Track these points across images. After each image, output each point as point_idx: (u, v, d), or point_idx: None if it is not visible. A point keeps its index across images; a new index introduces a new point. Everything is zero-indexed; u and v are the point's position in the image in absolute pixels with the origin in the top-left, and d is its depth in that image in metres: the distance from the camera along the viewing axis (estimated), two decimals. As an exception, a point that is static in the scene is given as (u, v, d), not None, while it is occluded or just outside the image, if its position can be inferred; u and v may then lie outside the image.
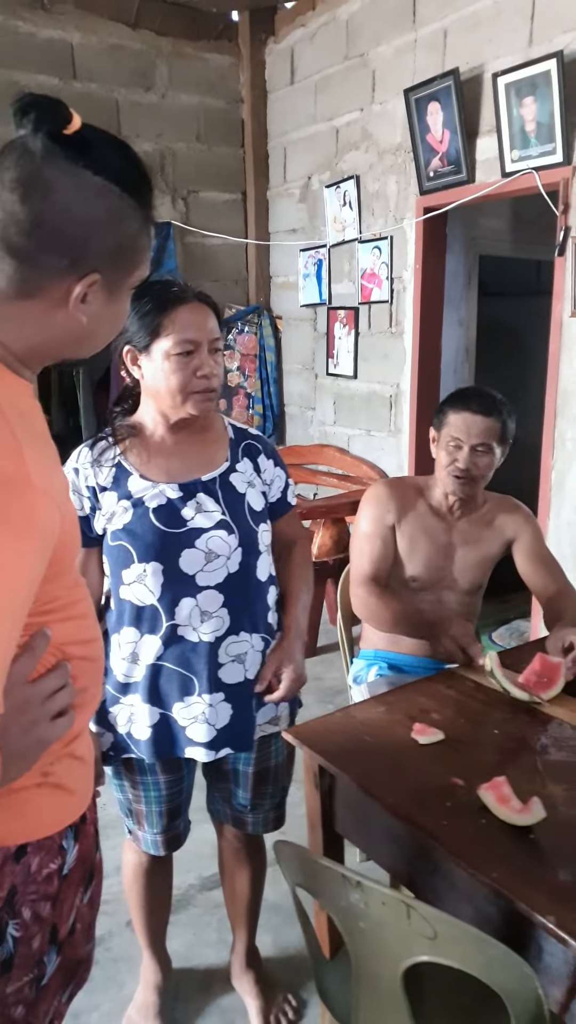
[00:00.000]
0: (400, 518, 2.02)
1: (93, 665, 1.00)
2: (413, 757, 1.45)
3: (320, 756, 1.47)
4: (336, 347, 3.98)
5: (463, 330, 3.61)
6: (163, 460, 1.48)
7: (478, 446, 1.91)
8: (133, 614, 1.48)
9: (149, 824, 1.62)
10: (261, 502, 1.57)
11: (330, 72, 3.73)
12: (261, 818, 1.69)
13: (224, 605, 1.48)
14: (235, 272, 4.45)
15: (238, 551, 1.49)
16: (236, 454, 1.56)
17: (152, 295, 1.40)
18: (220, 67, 4.18)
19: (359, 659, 2.17)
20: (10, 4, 3.64)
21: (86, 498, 1.48)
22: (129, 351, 1.43)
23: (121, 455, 1.48)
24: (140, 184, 0.86)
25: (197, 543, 1.45)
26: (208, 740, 1.51)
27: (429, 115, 3.05)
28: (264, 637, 1.56)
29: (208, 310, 1.44)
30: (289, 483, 1.66)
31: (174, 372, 1.40)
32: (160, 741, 1.51)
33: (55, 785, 0.96)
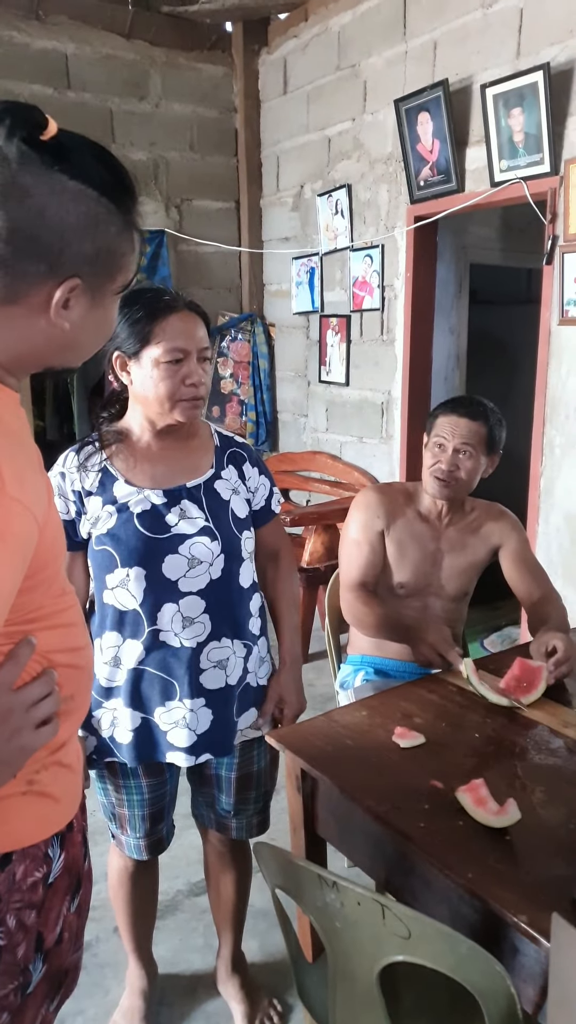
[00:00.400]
0: (389, 524, 2.03)
1: (80, 673, 1.01)
2: (394, 760, 1.47)
3: (302, 760, 1.48)
4: (328, 354, 4.00)
5: (454, 338, 3.64)
6: (149, 466, 1.50)
7: (461, 448, 1.93)
8: (116, 618, 1.49)
9: (132, 828, 1.62)
10: (245, 509, 1.58)
11: (322, 82, 3.76)
12: (245, 823, 1.70)
13: (206, 611, 1.49)
14: (228, 280, 4.48)
15: (221, 558, 1.50)
16: (221, 461, 1.57)
17: (144, 302, 1.42)
18: (213, 77, 4.22)
19: (346, 664, 2.18)
20: (5, 15, 3.67)
21: (72, 502, 1.49)
22: (118, 357, 1.45)
23: (107, 460, 1.49)
24: (118, 188, 0.86)
25: (180, 549, 1.46)
26: (188, 745, 1.51)
27: (419, 125, 3.08)
28: (246, 643, 1.57)
29: (198, 319, 1.46)
30: (274, 491, 1.67)
31: (163, 380, 1.41)
32: (142, 745, 1.52)
33: (40, 793, 0.97)
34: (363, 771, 1.43)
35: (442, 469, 1.93)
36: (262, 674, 1.63)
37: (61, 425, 6.14)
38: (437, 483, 1.95)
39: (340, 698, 2.15)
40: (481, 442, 1.93)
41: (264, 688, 1.64)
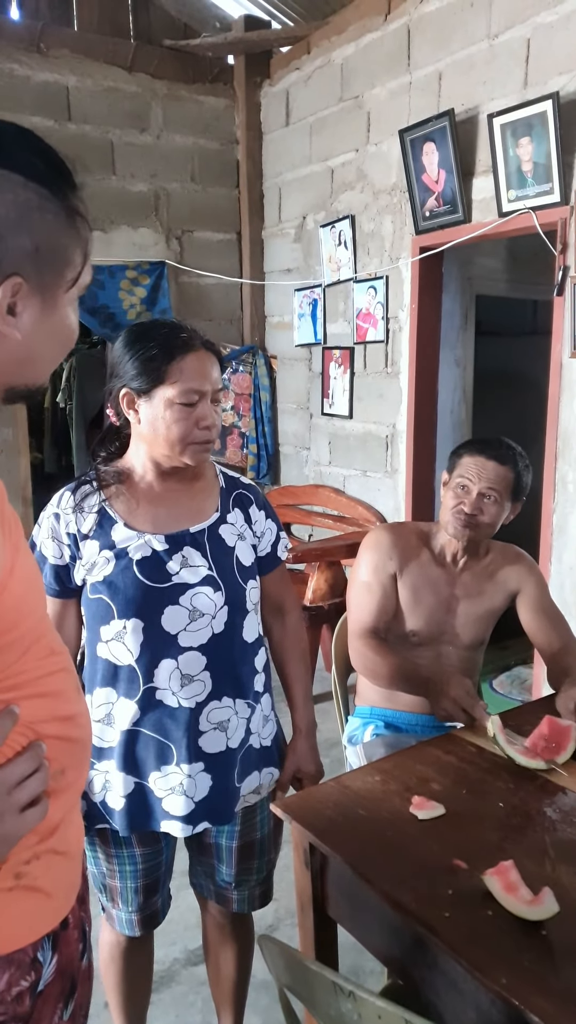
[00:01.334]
0: (402, 567, 1.92)
1: (73, 745, 0.89)
2: (411, 834, 1.34)
3: (310, 833, 1.35)
4: (331, 387, 3.92)
5: (460, 370, 3.56)
6: (150, 508, 1.39)
7: (486, 492, 1.82)
8: (109, 673, 1.37)
9: (124, 902, 1.49)
10: (251, 556, 1.47)
11: (325, 114, 3.73)
12: (247, 895, 1.56)
13: (206, 668, 1.38)
14: (229, 312, 4.42)
15: (224, 609, 1.39)
16: (227, 504, 1.47)
17: (159, 339, 1.33)
18: (215, 109, 4.19)
19: (354, 717, 2.06)
20: (7, 48, 3.65)
21: (66, 546, 1.38)
22: (127, 393, 1.34)
23: (105, 501, 1.39)
24: (49, 171, 0.75)
25: (181, 600, 1.35)
26: (185, 814, 1.39)
27: (424, 155, 3.02)
28: (249, 703, 1.46)
29: (214, 359, 1.37)
30: (281, 536, 1.57)
31: (176, 421, 1.32)
32: (135, 813, 1.40)
33: (29, 888, 0.84)
34: (378, 848, 1.30)
35: (464, 512, 1.82)
36: (266, 735, 1.51)
37: (59, 458, 6.06)
38: (458, 524, 1.84)
39: (348, 754, 2.02)
40: (507, 488, 1.83)
41: (268, 750, 1.52)
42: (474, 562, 1.95)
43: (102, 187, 3.93)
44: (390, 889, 1.20)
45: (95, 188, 3.90)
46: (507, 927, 1.11)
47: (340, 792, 1.46)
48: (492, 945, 1.09)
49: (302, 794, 1.48)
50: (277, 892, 2.33)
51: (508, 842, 1.31)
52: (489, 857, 1.24)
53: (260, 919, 2.21)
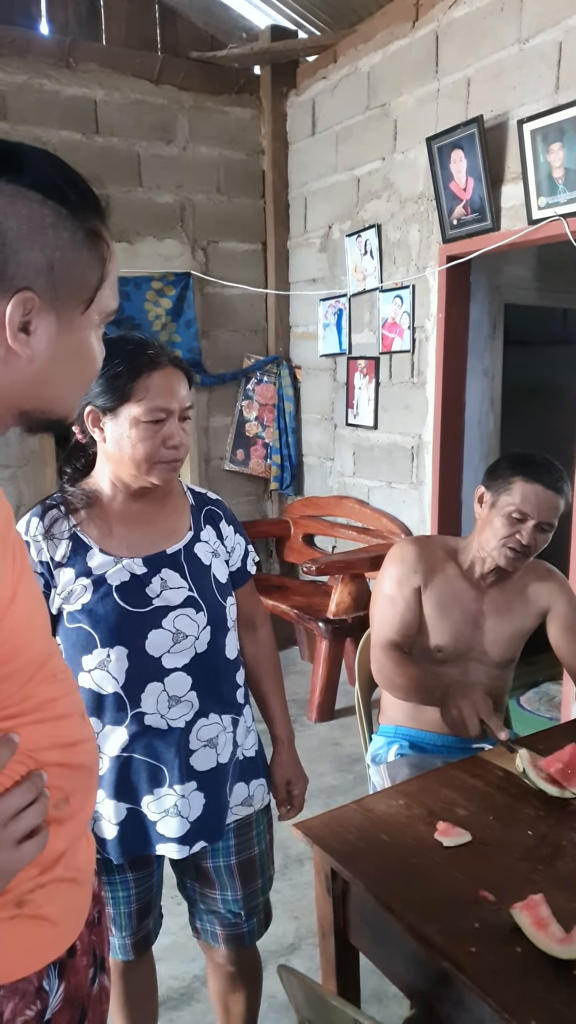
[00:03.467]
0: (427, 581, 1.87)
1: (79, 772, 0.86)
2: (436, 862, 1.29)
3: (332, 858, 1.31)
4: (356, 397, 3.88)
5: (488, 380, 3.50)
6: (124, 531, 1.35)
7: (544, 524, 1.77)
8: (94, 703, 1.33)
9: (118, 928, 1.47)
10: (226, 573, 1.45)
11: (351, 123, 3.70)
12: (255, 922, 1.52)
13: (193, 688, 1.35)
14: (254, 322, 4.40)
15: (207, 630, 1.36)
16: (199, 521, 1.44)
17: (125, 355, 1.29)
18: (241, 120, 4.19)
19: (378, 736, 2.00)
20: (36, 63, 3.68)
21: (39, 574, 1.32)
22: (91, 411, 1.31)
23: (77, 527, 1.34)
24: (72, 193, 0.75)
25: (164, 623, 1.32)
26: (181, 834, 1.36)
27: (452, 163, 2.98)
28: (234, 717, 1.43)
29: (182, 376, 1.33)
30: (249, 550, 1.52)
31: (142, 440, 1.28)
32: (129, 840, 1.36)
33: (33, 916, 0.81)
34: (402, 876, 1.26)
35: (522, 544, 1.76)
36: (248, 745, 1.49)
37: (85, 467, 6.11)
38: (512, 556, 1.78)
39: (371, 773, 1.97)
40: (558, 515, 1.78)
41: (252, 760, 1.49)
42: (504, 578, 1.89)
43: (128, 199, 3.94)
44: (414, 920, 1.15)
45: (122, 200, 3.92)
46: (537, 965, 1.06)
47: (363, 816, 1.42)
48: (521, 984, 1.04)
49: (324, 817, 1.44)
50: (298, 911, 2.29)
51: (537, 874, 1.25)
52: (517, 889, 1.19)
53: (281, 939, 2.17)
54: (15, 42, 3.61)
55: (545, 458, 1.82)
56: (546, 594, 1.89)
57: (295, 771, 1.56)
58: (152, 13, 4.02)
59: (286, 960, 2.09)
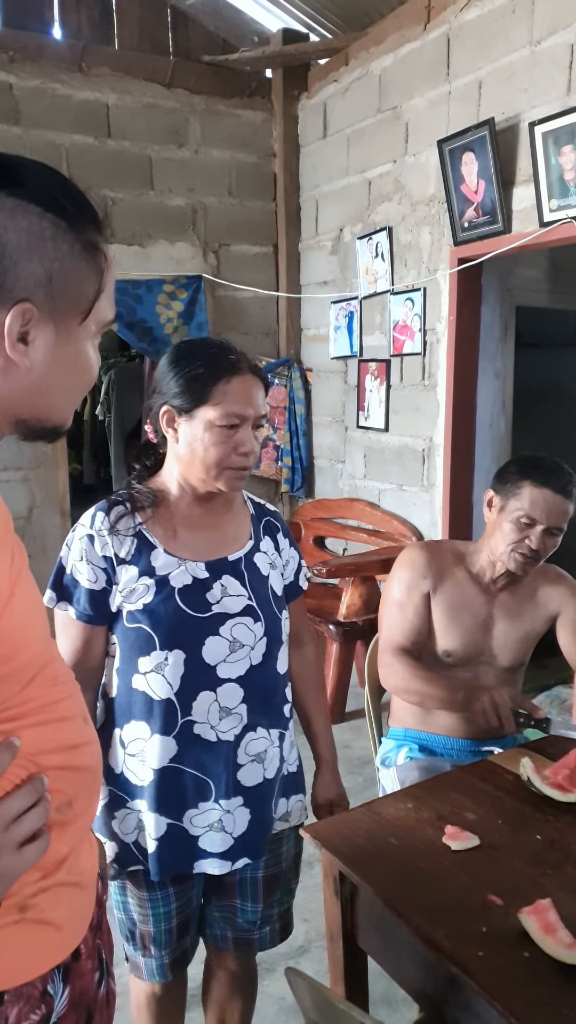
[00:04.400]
0: (437, 586, 1.87)
1: (81, 774, 0.86)
2: (444, 866, 1.29)
3: (340, 861, 1.31)
4: (367, 399, 3.88)
5: (499, 383, 3.49)
6: (188, 534, 1.34)
7: (553, 528, 1.76)
8: (145, 708, 1.31)
9: (157, 946, 1.42)
10: (281, 586, 1.44)
11: (362, 125, 3.71)
12: (268, 931, 1.50)
13: (244, 700, 1.33)
14: (265, 325, 4.41)
15: (263, 641, 1.35)
16: (258, 531, 1.43)
17: (206, 359, 1.29)
18: (252, 123, 4.20)
19: (388, 739, 2.01)
20: (49, 68, 3.70)
21: (101, 570, 1.31)
22: (167, 411, 1.31)
23: (142, 524, 1.33)
24: (71, 207, 0.76)
25: (221, 630, 1.31)
26: (224, 850, 1.34)
27: (463, 165, 2.98)
28: (281, 732, 1.42)
29: (260, 383, 1.32)
30: (302, 565, 1.52)
31: (215, 444, 1.28)
32: (170, 855, 1.34)
33: (37, 921, 0.81)
34: (410, 879, 1.26)
35: (531, 549, 1.76)
36: (291, 760, 1.48)
37: (98, 470, 6.13)
38: (522, 560, 1.78)
39: (380, 776, 1.96)
40: (567, 519, 1.78)
41: (294, 775, 1.48)
42: (514, 583, 1.89)
43: (140, 202, 3.96)
44: (422, 924, 1.16)
45: (133, 203, 3.93)
46: (544, 971, 1.06)
47: (371, 819, 1.42)
48: (529, 989, 1.04)
49: (333, 820, 1.44)
50: (308, 912, 2.29)
51: (546, 878, 1.25)
52: (526, 893, 1.19)
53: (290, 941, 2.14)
54: (28, 47, 3.64)
55: (554, 462, 1.81)
56: (556, 598, 1.88)
57: (339, 792, 1.55)
58: (164, 17, 4.04)
59: (295, 963, 2.09)
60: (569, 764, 1.48)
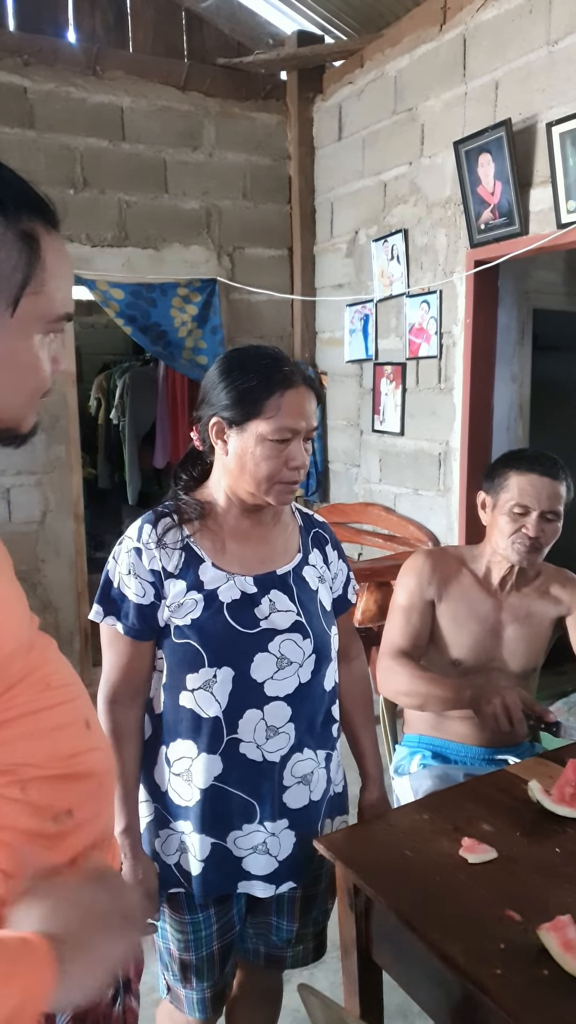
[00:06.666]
0: (442, 593, 1.84)
1: (83, 782, 0.83)
2: (460, 879, 1.26)
3: (355, 873, 1.28)
4: (382, 403, 3.85)
5: (516, 386, 3.45)
6: (236, 547, 1.31)
7: (548, 513, 1.73)
8: (192, 726, 1.28)
9: (198, 977, 1.38)
10: (330, 600, 1.41)
11: (378, 127, 3.69)
12: (301, 950, 1.48)
13: (291, 719, 1.30)
14: (280, 328, 4.39)
15: (311, 658, 1.32)
16: (307, 544, 1.40)
17: (260, 370, 1.25)
18: (267, 125, 4.19)
19: (401, 746, 1.98)
20: (64, 72, 3.71)
21: (149, 583, 1.28)
22: (217, 423, 1.27)
23: (190, 537, 1.30)
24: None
25: (270, 647, 1.28)
26: (268, 873, 1.32)
27: (480, 167, 2.95)
28: (328, 753, 1.39)
29: (312, 396, 1.29)
30: (350, 578, 1.49)
31: (265, 459, 1.25)
32: (213, 876, 1.31)
33: None
34: (425, 893, 1.23)
35: (529, 537, 1.73)
36: (338, 780, 1.45)
37: (112, 474, 6.12)
38: (523, 550, 1.75)
39: (394, 784, 1.94)
40: (562, 502, 1.75)
41: (340, 796, 1.46)
42: (522, 584, 1.86)
43: (154, 205, 3.96)
44: (437, 939, 1.13)
45: (147, 207, 3.93)
46: (564, 990, 1.03)
47: (386, 830, 1.40)
48: (548, 1009, 1.01)
49: (347, 831, 1.42)
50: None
51: (566, 893, 1.22)
52: (544, 909, 1.16)
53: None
54: (43, 51, 3.65)
55: (536, 451, 1.81)
56: (566, 598, 1.86)
57: (386, 809, 1.52)
58: (178, 20, 4.04)
59: (310, 974, 2.06)
60: (571, 781, 1.44)
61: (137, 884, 1.30)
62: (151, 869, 1.32)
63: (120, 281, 3.87)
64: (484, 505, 1.84)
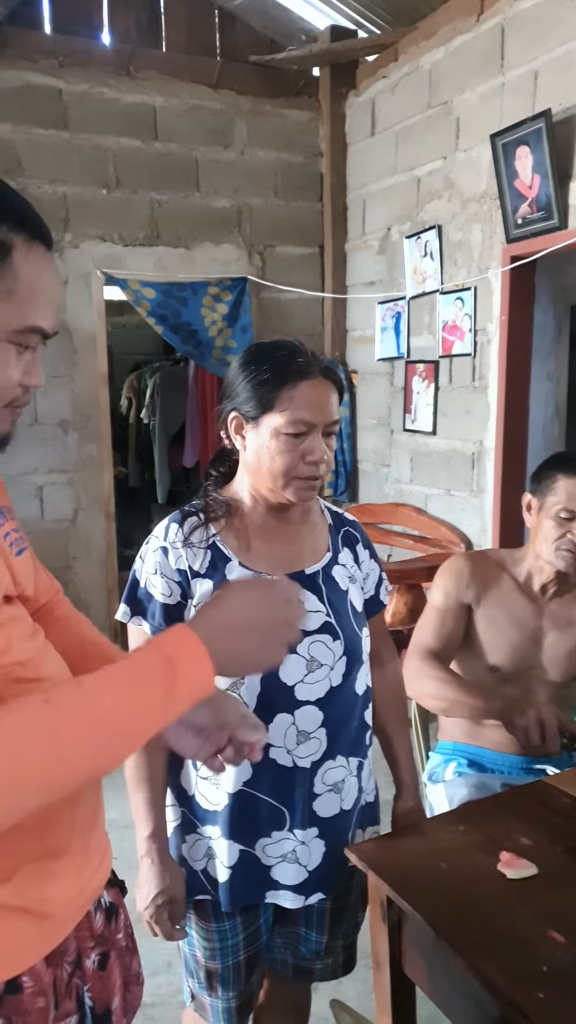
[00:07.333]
0: (480, 597, 1.79)
1: None
2: (499, 896, 1.20)
3: (388, 885, 1.24)
4: (414, 402, 3.79)
5: (552, 385, 3.37)
6: (263, 546, 1.28)
7: None
8: None
9: (224, 986, 1.35)
10: (361, 601, 1.36)
11: (411, 122, 3.63)
12: (331, 963, 1.44)
13: (323, 725, 1.26)
14: (310, 327, 4.35)
15: (342, 661, 1.28)
16: (337, 543, 1.35)
17: (273, 362, 1.22)
18: (299, 122, 4.16)
19: (435, 753, 1.93)
20: (97, 73, 3.72)
21: (176, 583, 1.26)
22: (235, 418, 1.25)
23: (216, 536, 1.27)
24: None
25: (299, 648, 1.24)
26: (298, 883, 1.28)
27: (517, 160, 2.88)
28: (360, 761, 1.35)
29: (332, 388, 1.24)
30: (383, 578, 1.44)
31: (280, 453, 1.21)
32: (241, 884, 1.28)
33: None
34: (462, 909, 1.18)
35: (575, 543, 1.68)
36: (369, 789, 1.41)
37: (143, 473, 6.14)
38: (570, 557, 1.69)
39: (427, 792, 1.88)
40: None
41: (371, 805, 1.41)
42: (564, 590, 1.80)
43: (185, 204, 3.94)
44: (477, 959, 1.08)
45: (179, 205, 3.92)
46: (613, 1018, 0.97)
47: (419, 842, 1.34)
48: (595, 1038, 0.95)
49: (380, 841, 1.37)
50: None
51: (612, 913, 1.16)
52: (590, 930, 1.10)
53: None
54: (77, 52, 3.66)
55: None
56: None
57: (421, 818, 1.47)
58: (212, 19, 4.03)
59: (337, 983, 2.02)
60: None
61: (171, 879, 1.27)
62: (179, 875, 1.29)
63: (151, 280, 3.86)
64: (529, 507, 1.78)
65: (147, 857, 1.26)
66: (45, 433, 3.79)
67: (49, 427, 3.80)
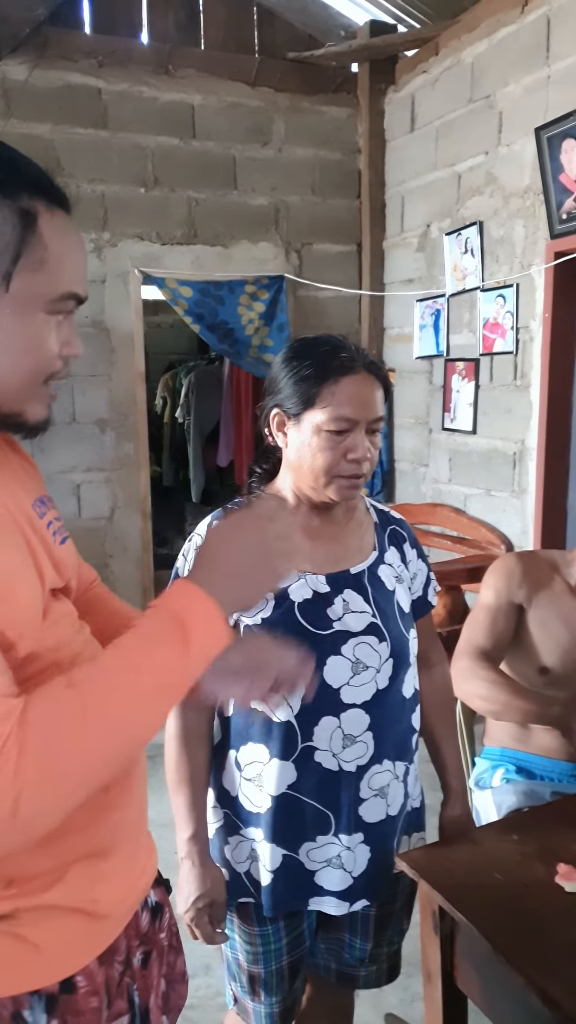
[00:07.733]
0: (531, 597, 1.75)
1: None
2: (557, 910, 1.17)
3: (441, 895, 1.21)
4: (453, 400, 3.74)
5: (597, 383, 3.30)
6: (308, 544, 1.25)
7: None
8: (263, 729, 1.23)
9: (267, 991, 1.33)
10: (408, 602, 1.33)
11: (452, 117, 3.58)
12: (375, 970, 1.41)
13: (369, 728, 1.24)
14: (347, 325, 4.32)
15: (389, 663, 1.25)
16: (383, 542, 1.32)
17: (316, 357, 1.20)
18: (337, 119, 4.12)
19: (482, 758, 1.89)
20: (136, 72, 3.72)
21: None
22: (277, 415, 1.23)
23: None
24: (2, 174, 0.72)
25: (343, 650, 1.22)
26: (342, 889, 1.25)
27: (563, 153, 2.82)
28: (406, 765, 1.32)
29: (376, 384, 1.22)
30: (431, 578, 1.41)
31: (322, 450, 1.19)
32: (284, 889, 1.26)
33: (10, 934, 0.76)
34: (519, 922, 1.14)
35: None
36: (415, 794, 1.38)
37: (177, 471, 6.15)
38: None
39: (474, 798, 1.84)
40: None
41: (417, 811, 1.38)
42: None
43: (223, 202, 3.93)
44: (537, 976, 1.04)
45: (216, 204, 3.91)
46: None
47: (472, 851, 1.31)
48: None
49: (430, 849, 1.34)
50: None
51: None
52: None
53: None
54: (116, 52, 3.67)
55: None
56: None
57: (469, 826, 1.43)
58: (250, 16, 4.01)
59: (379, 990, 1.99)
60: None
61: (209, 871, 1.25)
62: (219, 878, 1.28)
63: (189, 279, 3.86)
64: None
65: (188, 859, 1.25)
66: (83, 432, 3.80)
67: (87, 426, 3.81)
